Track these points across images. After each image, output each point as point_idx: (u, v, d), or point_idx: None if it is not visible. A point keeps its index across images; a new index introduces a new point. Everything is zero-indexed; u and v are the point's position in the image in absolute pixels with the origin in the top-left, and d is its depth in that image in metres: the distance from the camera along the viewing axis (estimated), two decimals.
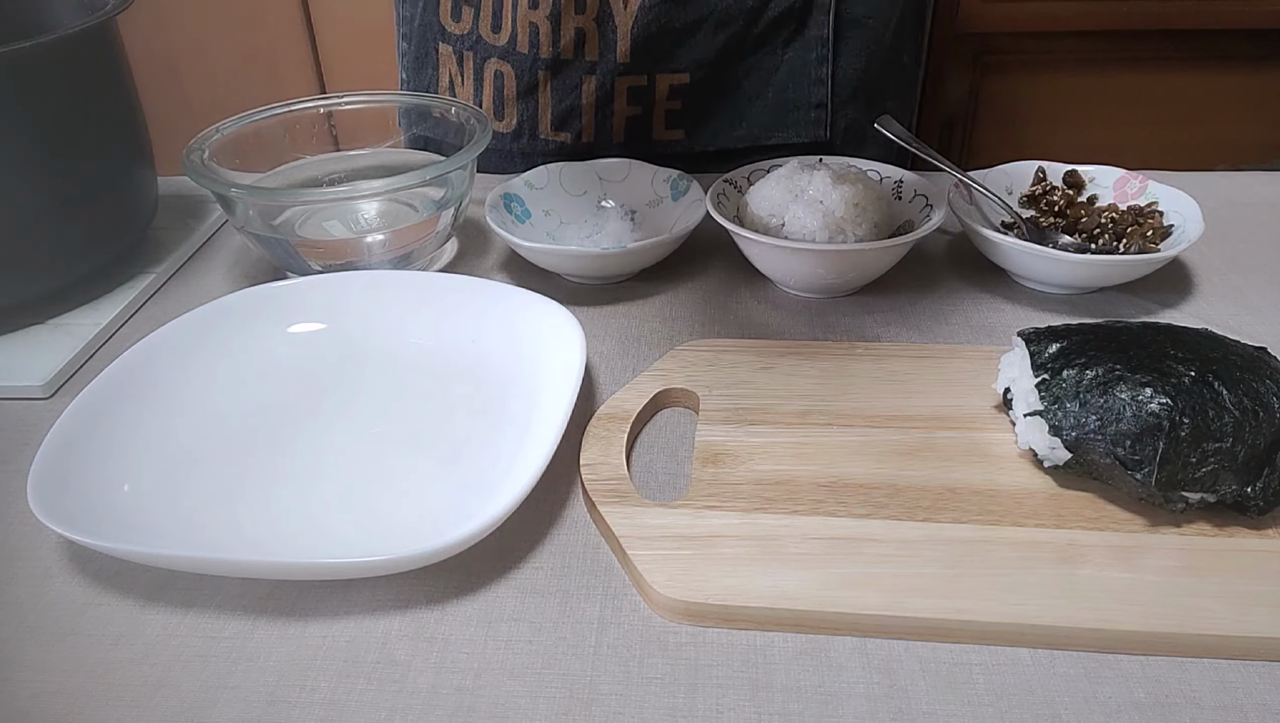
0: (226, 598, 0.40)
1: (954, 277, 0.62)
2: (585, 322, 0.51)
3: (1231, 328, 0.55)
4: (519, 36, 0.68)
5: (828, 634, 0.38)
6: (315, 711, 0.35)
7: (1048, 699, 0.35)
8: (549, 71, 0.68)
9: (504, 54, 0.69)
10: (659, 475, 0.46)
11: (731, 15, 0.68)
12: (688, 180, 0.66)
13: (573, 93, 0.69)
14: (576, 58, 0.68)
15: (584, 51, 0.67)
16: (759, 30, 0.70)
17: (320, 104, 0.68)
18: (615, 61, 0.68)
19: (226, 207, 0.60)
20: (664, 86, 0.70)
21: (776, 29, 0.70)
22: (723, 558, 0.40)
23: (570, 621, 0.39)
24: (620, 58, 0.67)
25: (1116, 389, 0.41)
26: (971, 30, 1.56)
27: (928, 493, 0.43)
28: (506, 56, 0.69)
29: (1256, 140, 1.67)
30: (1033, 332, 0.46)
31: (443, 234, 0.63)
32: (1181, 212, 0.61)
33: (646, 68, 0.69)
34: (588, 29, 0.66)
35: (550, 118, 0.70)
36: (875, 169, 0.65)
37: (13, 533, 0.44)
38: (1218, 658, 0.36)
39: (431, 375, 0.52)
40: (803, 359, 0.52)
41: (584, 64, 0.68)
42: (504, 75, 0.69)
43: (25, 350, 0.56)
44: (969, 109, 1.66)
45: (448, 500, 0.44)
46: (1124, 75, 1.61)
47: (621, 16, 0.65)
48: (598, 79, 0.68)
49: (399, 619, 0.39)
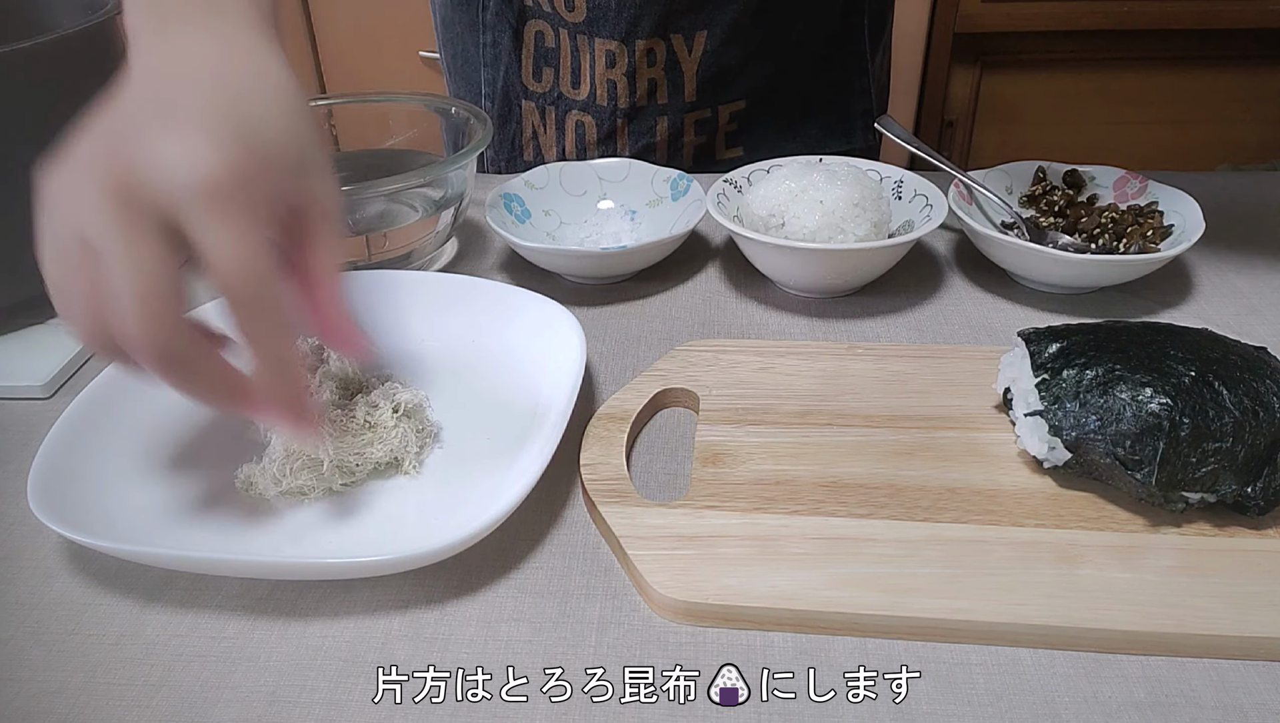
0: (226, 598, 0.40)
1: (954, 277, 0.62)
2: (585, 322, 0.51)
3: (1231, 328, 0.55)
4: (598, 91, 0.75)
5: (828, 634, 0.38)
6: (315, 710, 0.35)
7: (1048, 699, 0.35)
8: (626, 120, 0.76)
9: (584, 106, 0.77)
10: (659, 475, 0.46)
11: (780, 47, 0.75)
12: (688, 180, 0.66)
13: (648, 134, 0.77)
14: (650, 103, 0.75)
15: (656, 97, 0.75)
16: (806, 55, 0.76)
17: (320, 104, 0.68)
18: (684, 101, 0.75)
19: None
20: (725, 115, 0.77)
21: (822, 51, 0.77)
22: (723, 558, 0.40)
23: (570, 621, 0.39)
24: (688, 97, 0.75)
25: (1116, 389, 0.41)
26: (971, 30, 1.56)
27: (928, 493, 0.43)
28: (587, 109, 0.76)
29: (1256, 140, 1.67)
30: (1033, 332, 0.46)
31: (443, 234, 0.63)
32: (1181, 212, 0.61)
33: (709, 102, 0.76)
34: (658, 78, 0.74)
35: (629, 157, 0.76)
36: (875, 169, 0.65)
37: (13, 533, 0.44)
38: (1218, 658, 0.36)
39: (431, 376, 0.52)
40: (803, 359, 0.52)
41: (656, 108, 0.76)
42: (584, 125, 0.77)
43: (25, 350, 0.56)
44: (969, 109, 1.66)
45: (448, 500, 0.44)
46: (1124, 75, 1.61)
47: (687, 63, 0.73)
48: (669, 118, 0.76)
49: (399, 619, 0.39)
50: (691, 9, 0.71)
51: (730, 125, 0.78)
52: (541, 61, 0.76)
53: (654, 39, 0.72)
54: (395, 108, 0.70)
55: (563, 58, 0.75)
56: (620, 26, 0.71)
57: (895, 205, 0.63)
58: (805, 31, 0.76)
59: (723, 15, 0.72)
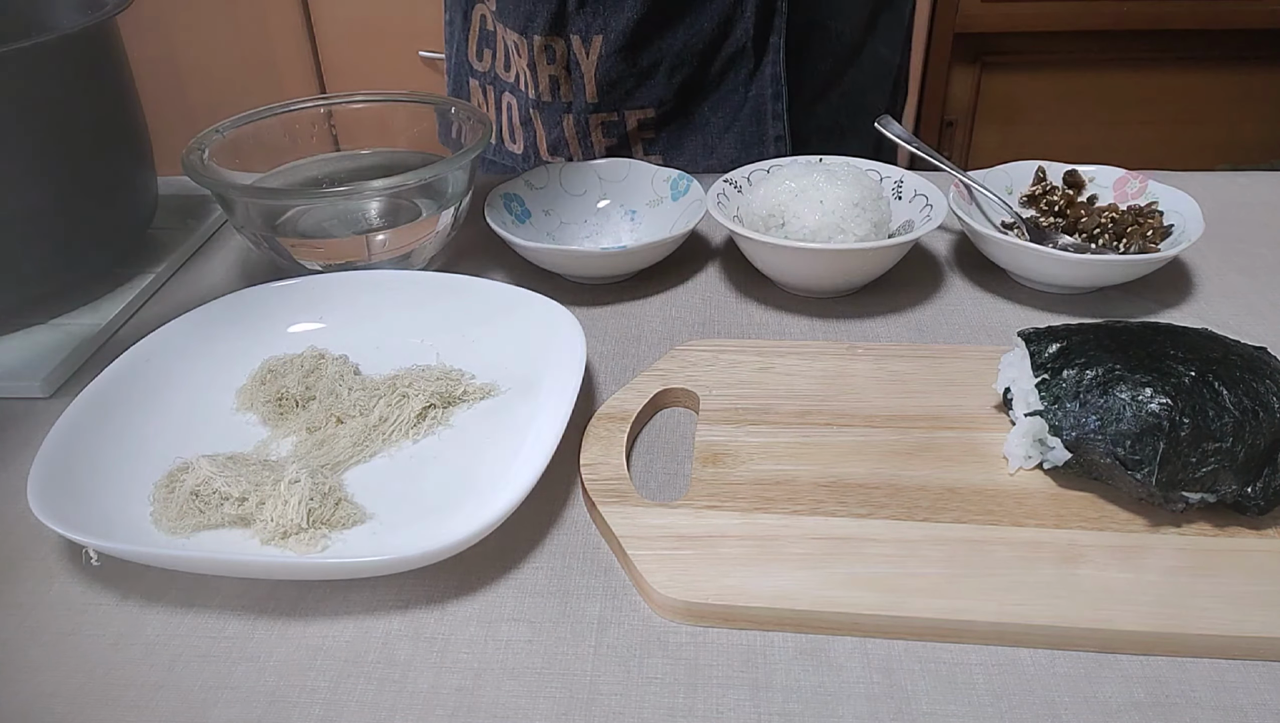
0: (226, 598, 0.40)
1: (954, 277, 0.62)
2: (585, 322, 0.51)
3: (1231, 328, 0.55)
4: (521, 77, 0.77)
5: (828, 634, 0.38)
6: (315, 710, 0.35)
7: (1048, 699, 0.35)
8: (536, 109, 0.78)
9: (511, 89, 0.80)
10: (659, 475, 0.46)
11: (685, 59, 0.75)
12: (688, 180, 0.66)
13: (556, 127, 0.78)
14: (554, 99, 0.77)
15: (560, 94, 0.76)
16: (715, 70, 0.76)
17: (320, 104, 0.68)
18: (585, 101, 0.76)
19: (226, 207, 0.60)
20: (633, 121, 0.77)
21: (733, 68, 0.76)
22: (723, 558, 0.40)
23: (570, 621, 0.39)
24: (589, 98, 0.76)
25: (1116, 389, 0.41)
26: (971, 30, 1.56)
27: (928, 493, 0.43)
28: (513, 92, 0.80)
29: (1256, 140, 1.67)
30: (1033, 332, 0.46)
31: (443, 234, 0.63)
32: (1181, 212, 0.61)
33: (614, 105, 0.77)
34: (560, 75, 0.75)
35: (545, 145, 0.79)
36: (876, 169, 0.65)
37: (13, 533, 0.44)
38: (1218, 658, 0.36)
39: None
40: (803, 359, 0.52)
41: (561, 104, 0.77)
42: (512, 106, 0.80)
43: (25, 350, 0.56)
44: (969, 109, 1.66)
45: (448, 500, 0.44)
46: (1124, 75, 1.61)
47: (586, 64, 0.74)
48: (574, 116, 0.77)
49: (399, 619, 0.39)
50: (584, 11, 0.72)
51: (645, 132, 0.78)
52: (483, 43, 0.80)
53: (551, 36, 0.73)
54: (395, 108, 0.69)
55: (497, 40, 0.78)
56: (519, 19, 0.73)
57: (895, 205, 0.63)
58: (711, 47, 0.74)
59: (617, 21, 0.72)
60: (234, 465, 0.43)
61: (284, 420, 0.49)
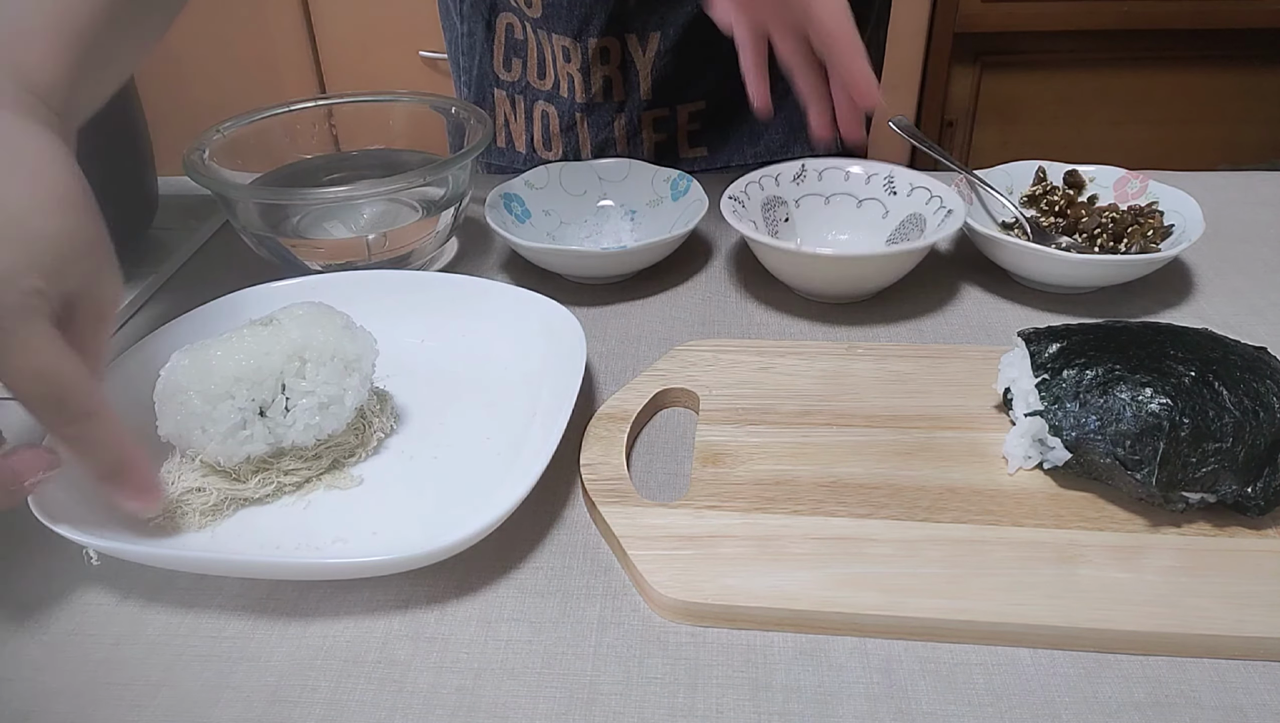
0: (227, 598, 0.40)
1: (954, 277, 0.62)
2: (585, 322, 0.51)
3: (1231, 328, 0.55)
4: (560, 84, 0.76)
5: (828, 634, 0.38)
6: (316, 710, 0.35)
7: (1048, 699, 0.35)
8: (584, 114, 0.77)
9: (549, 97, 0.78)
10: (659, 475, 0.46)
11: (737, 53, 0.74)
12: (687, 180, 0.66)
13: (606, 128, 0.78)
14: (607, 100, 0.76)
15: (612, 95, 0.76)
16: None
17: (320, 104, 0.68)
18: (640, 100, 0.76)
19: (227, 207, 0.60)
20: (684, 115, 0.78)
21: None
22: (723, 558, 0.40)
23: (570, 621, 0.39)
24: (644, 96, 0.76)
25: (1116, 389, 0.41)
26: (971, 30, 1.56)
27: (928, 493, 0.43)
28: (551, 100, 0.78)
29: (1256, 140, 1.67)
30: (1033, 332, 0.46)
31: (443, 234, 0.63)
32: (1181, 212, 0.61)
33: (667, 101, 0.77)
34: (614, 76, 0.75)
35: (590, 149, 0.79)
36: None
37: (13, 533, 0.44)
38: (1218, 658, 0.36)
39: (431, 376, 0.52)
40: (803, 359, 0.52)
41: (613, 104, 0.77)
42: (549, 115, 0.79)
43: None
44: (969, 109, 1.66)
45: (448, 500, 0.44)
46: (1124, 75, 1.61)
47: (642, 63, 0.74)
48: (626, 115, 0.77)
49: (399, 619, 0.39)
50: (643, 10, 0.72)
51: (692, 125, 0.78)
52: (511, 52, 0.79)
53: (607, 38, 0.73)
54: (395, 108, 0.70)
55: (529, 50, 0.77)
56: (573, 24, 0.72)
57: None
58: None
59: (676, 17, 0.72)
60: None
61: None
